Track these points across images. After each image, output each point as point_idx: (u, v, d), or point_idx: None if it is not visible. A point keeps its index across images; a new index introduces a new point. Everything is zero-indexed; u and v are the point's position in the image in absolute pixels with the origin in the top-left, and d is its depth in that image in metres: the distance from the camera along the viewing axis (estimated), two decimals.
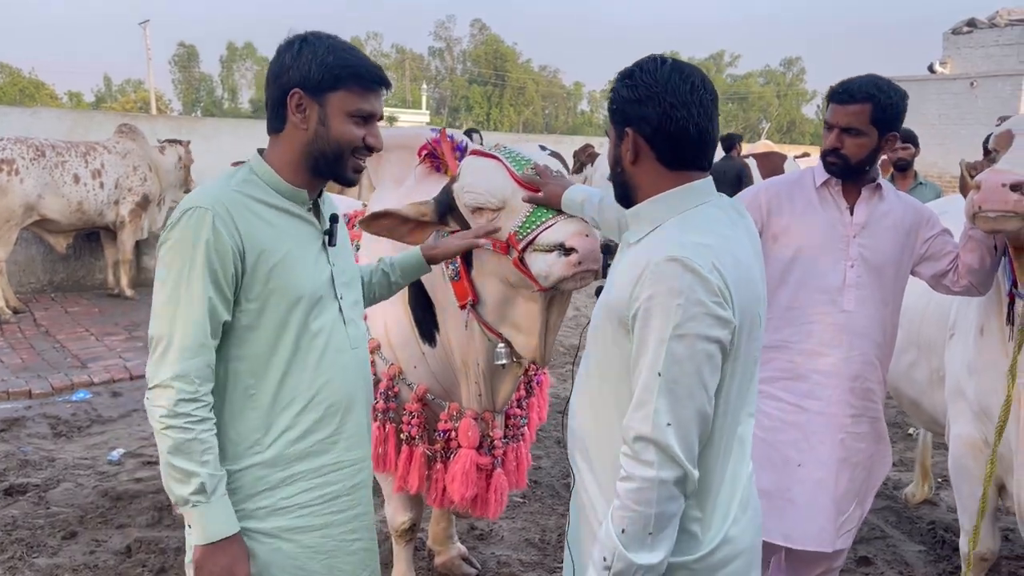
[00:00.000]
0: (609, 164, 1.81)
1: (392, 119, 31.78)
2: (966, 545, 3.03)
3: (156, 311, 1.77)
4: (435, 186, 2.71)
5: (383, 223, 2.56)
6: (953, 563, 3.89)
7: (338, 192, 7.00)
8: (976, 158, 6.51)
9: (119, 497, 4.33)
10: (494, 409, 2.84)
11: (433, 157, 2.85)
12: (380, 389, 2.88)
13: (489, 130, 38.29)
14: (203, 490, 1.72)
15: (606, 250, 2.11)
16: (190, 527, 1.79)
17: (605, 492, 1.69)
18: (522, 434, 3.05)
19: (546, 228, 2.27)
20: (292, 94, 1.82)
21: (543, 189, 2.29)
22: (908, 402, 3.68)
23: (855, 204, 2.69)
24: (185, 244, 1.74)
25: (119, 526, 4.03)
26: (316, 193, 1.95)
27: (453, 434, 2.84)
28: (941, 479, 4.79)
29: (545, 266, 2.23)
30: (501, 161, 2.45)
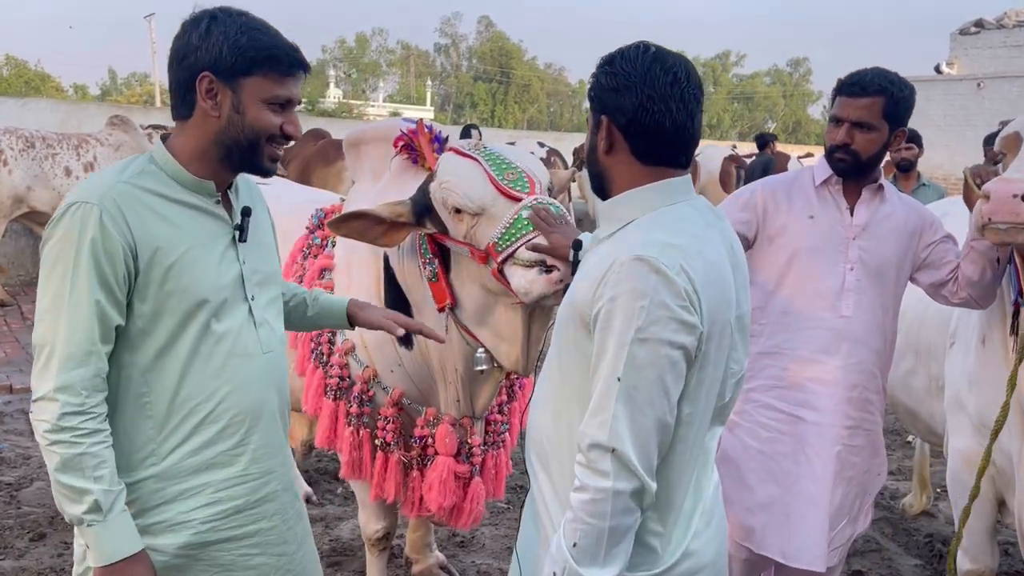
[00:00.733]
0: (586, 152, 1.72)
1: (395, 115, 31.71)
2: (966, 563, 2.90)
3: (38, 316, 1.64)
4: (412, 182, 2.61)
5: (354, 225, 2.45)
6: None
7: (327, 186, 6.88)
8: (981, 160, 6.41)
9: None
10: (473, 415, 2.74)
11: (410, 149, 2.72)
12: (354, 393, 2.78)
13: (493, 127, 38.19)
14: (97, 508, 1.60)
15: (577, 246, 2.00)
16: (87, 548, 1.66)
17: (562, 500, 1.59)
18: (503, 440, 2.96)
19: (527, 241, 2.17)
20: (202, 78, 1.68)
21: (548, 237, 2.15)
22: (905, 411, 3.57)
23: (856, 205, 2.58)
24: (68, 243, 1.61)
25: None
26: (226, 184, 1.81)
27: (430, 440, 2.75)
28: (939, 489, 4.68)
29: (525, 282, 2.16)
30: (480, 163, 2.33)
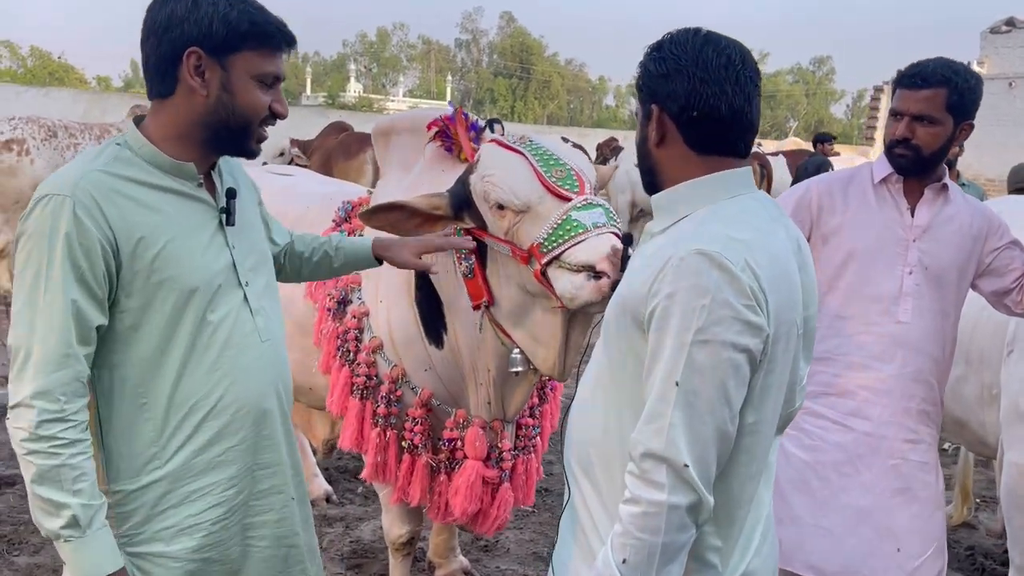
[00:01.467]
0: (636, 146, 1.61)
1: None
2: None
3: (13, 317, 1.54)
4: (446, 173, 2.50)
5: (388, 216, 2.33)
6: None
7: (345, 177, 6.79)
8: (1016, 160, 6.24)
9: (106, 492, 4.12)
10: (504, 418, 2.63)
11: (445, 136, 2.60)
12: (382, 392, 2.68)
13: (513, 122, 38.08)
14: (76, 523, 1.51)
15: (628, 240, 1.87)
16: (65, 564, 1.57)
17: (610, 511, 1.48)
18: (534, 445, 2.84)
19: (575, 244, 2.05)
20: (189, 53, 1.56)
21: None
22: (952, 420, 3.40)
23: (917, 205, 2.43)
24: (40, 239, 1.50)
25: None
26: (208, 166, 1.70)
27: (459, 444, 2.64)
28: (979, 500, 4.51)
29: (571, 287, 2.03)
30: (526, 158, 2.21)
